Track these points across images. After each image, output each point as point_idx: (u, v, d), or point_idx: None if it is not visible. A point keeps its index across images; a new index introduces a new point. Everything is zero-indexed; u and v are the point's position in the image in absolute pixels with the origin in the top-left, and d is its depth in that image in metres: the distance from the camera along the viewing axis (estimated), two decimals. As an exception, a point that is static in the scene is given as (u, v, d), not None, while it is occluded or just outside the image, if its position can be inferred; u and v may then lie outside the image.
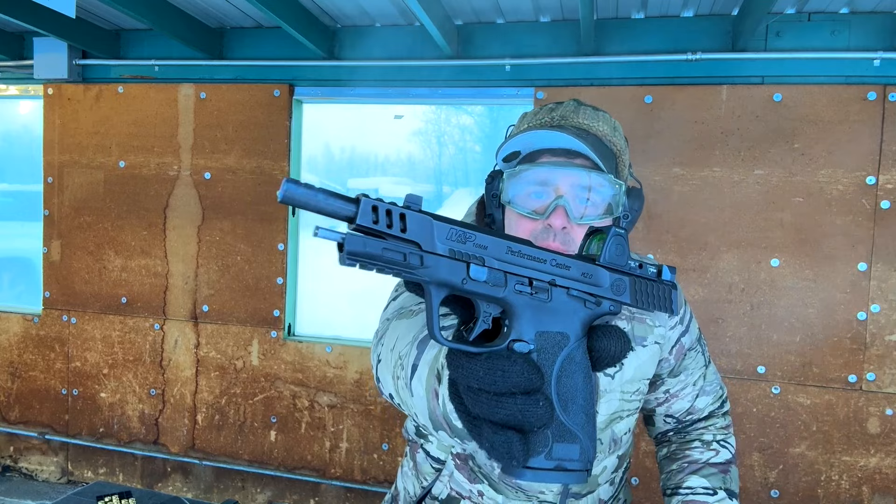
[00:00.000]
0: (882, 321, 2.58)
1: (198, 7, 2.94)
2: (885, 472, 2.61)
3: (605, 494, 1.16)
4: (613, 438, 1.08)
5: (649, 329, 1.10)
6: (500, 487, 1.06)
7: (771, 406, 2.69)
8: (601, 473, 1.12)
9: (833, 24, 2.60)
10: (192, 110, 3.25)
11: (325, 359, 3.16)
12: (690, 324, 1.21)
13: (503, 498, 1.05)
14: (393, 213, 0.47)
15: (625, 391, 1.06)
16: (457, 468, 1.09)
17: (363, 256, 0.46)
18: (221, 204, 3.24)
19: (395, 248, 0.47)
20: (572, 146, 0.91)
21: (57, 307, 3.50)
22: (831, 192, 2.60)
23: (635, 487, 2.82)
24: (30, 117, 3.76)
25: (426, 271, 0.48)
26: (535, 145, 0.95)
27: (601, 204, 0.92)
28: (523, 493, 1.05)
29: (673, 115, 2.72)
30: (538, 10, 2.75)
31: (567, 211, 0.90)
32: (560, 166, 0.91)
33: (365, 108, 3.30)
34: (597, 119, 0.98)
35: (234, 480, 3.34)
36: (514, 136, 0.95)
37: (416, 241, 0.48)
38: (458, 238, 0.50)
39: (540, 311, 0.54)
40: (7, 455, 3.69)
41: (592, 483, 1.11)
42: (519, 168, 0.93)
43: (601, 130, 0.97)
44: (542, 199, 0.92)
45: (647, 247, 2.76)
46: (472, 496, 1.08)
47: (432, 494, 1.14)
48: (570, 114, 0.98)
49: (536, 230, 0.91)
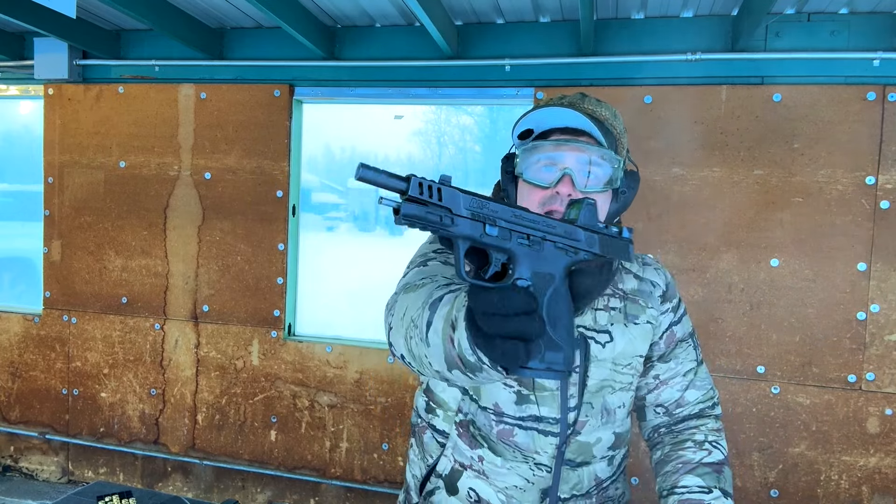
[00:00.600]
0: (881, 321, 2.58)
1: (198, 7, 2.95)
2: (884, 472, 2.61)
3: (603, 473, 1.18)
4: (606, 408, 1.14)
5: (641, 309, 1.18)
6: (498, 448, 1.13)
7: (770, 406, 2.69)
8: (595, 444, 1.15)
9: (832, 24, 2.60)
10: (192, 110, 3.25)
11: (325, 359, 3.17)
12: (683, 317, 1.27)
13: (501, 460, 1.13)
14: (433, 187, 0.66)
15: (617, 363, 1.14)
16: (459, 437, 1.16)
17: (413, 217, 0.64)
18: (222, 204, 3.25)
19: (434, 212, 0.66)
20: (578, 124, 1.04)
21: (57, 307, 3.50)
22: (831, 193, 2.60)
23: (635, 487, 2.83)
24: (30, 117, 3.76)
25: (456, 228, 0.67)
26: (546, 123, 1.08)
27: (602, 177, 1.06)
28: (520, 453, 1.12)
29: (673, 116, 2.73)
30: (538, 10, 2.76)
31: (573, 180, 1.03)
32: (567, 142, 1.05)
33: (365, 108, 3.30)
34: (600, 106, 1.12)
35: (235, 480, 3.35)
36: (529, 114, 1.07)
37: (448, 207, 0.67)
38: (477, 206, 0.69)
39: (534, 258, 0.74)
40: (8, 455, 3.69)
41: (587, 453, 1.15)
42: (532, 144, 1.07)
43: (603, 115, 1.10)
44: (552, 171, 1.05)
45: (646, 247, 2.77)
46: (473, 463, 1.15)
47: (437, 472, 1.20)
48: (577, 101, 1.12)
49: (546, 196, 1.04)
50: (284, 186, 3.16)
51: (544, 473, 1.13)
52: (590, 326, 1.12)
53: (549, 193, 1.04)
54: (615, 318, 1.14)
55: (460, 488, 1.17)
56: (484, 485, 1.15)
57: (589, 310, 1.12)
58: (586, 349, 1.11)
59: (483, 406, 1.13)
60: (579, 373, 1.10)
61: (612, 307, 1.15)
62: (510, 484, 1.13)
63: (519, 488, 1.13)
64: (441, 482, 1.20)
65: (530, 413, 1.11)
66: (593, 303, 1.12)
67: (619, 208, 1.12)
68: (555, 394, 1.10)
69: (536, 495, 1.14)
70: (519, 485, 1.13)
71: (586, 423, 1.13)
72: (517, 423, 1.11)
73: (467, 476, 1.16)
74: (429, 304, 0.84)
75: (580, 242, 0.80)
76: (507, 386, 1.11)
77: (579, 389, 1.11)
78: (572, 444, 1.13)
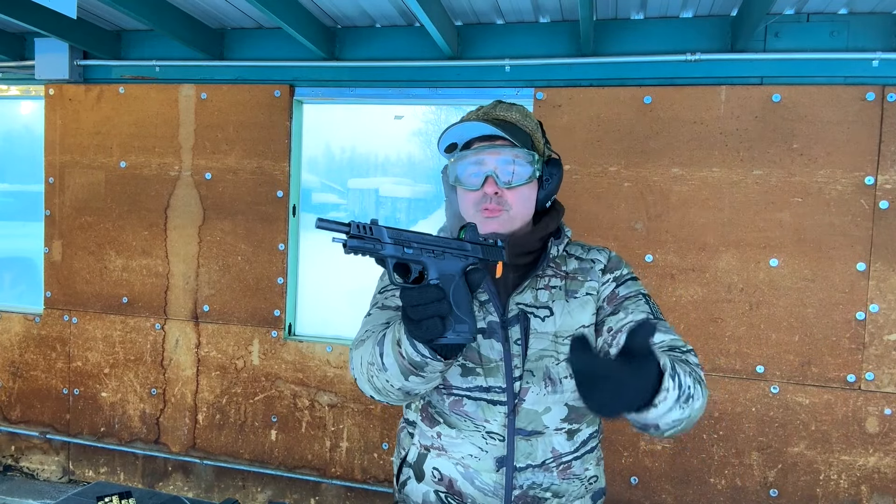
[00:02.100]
0: (881, 321, 2.59)
1: (198, 8, 2.95)
2: (883, 472, 2.62)
3: (562, 447, 1.22)
4: (549, 376, 1.21)
5: (580, 284, 1.28)
6: (451, 420, 1.23)
7: (770, 405, 2.70)
8: (544, 413, 1.20)
9: (832, 24, 2.61)
10: (192, 111, 3.26)
11: (325, 358, 3.17)
12: (628, 281, 1.30)
13: (456, 431, 1.23)
14: (366, 227, 0.95)
15: (558, 335, 1.23)
16: (422, 421, 1.28)
17: (356, 248, 0.94)
18: (222, 204, 3.25)
19: (369, 243, 0.95)
20: (492, 131, 1.19)
21: (58, 307, 3.51)
22: (830, 193, 2.61)
23: (635, 487, 2.83)
24: (31, 118, 3.77)
25: (384, 251, 0.97)
26: (466, 135, 1.24)
27: (522, 172, 1.21)
28: (471, 423, 1.21)
29: (672, 116, 2.73)
30: (538, 10, 2.76)
31: (496, 179, 1.19)
32: (486, 148, 1.21)
33: (365, 108, 3.30)
34: (510, 110, 1.27)
35: (235, 480, 3.35)
36: (450, 129, 1.23)
37: (377, 238, 0.96)
38: (396, 234, 0.98)
39: (440, 264, 1.01)
40: (8, 454, 3.70)
41: (537, 422, 1.20)
42: (458, 155, 1.24)
43: (514, 118, 1.25)
44: (478, 175, 1.21)
45: (646, 247, 2.77)
46: (434, 442, 1.25)
47: (407, 462, 1.30)
48: (490, 110, 1.28)
49: (478, 197, 1.21)
50: (285, 186, 3.17)
51: (497, 442, 1.20)
52: (530, 304, 1.23)
53: (480, 194, 1.21)
54: (556, 296, 1.24)
55: (425, 471, 1.25)
56: (444, 461, 1.24)
57: (529, 289, 1.24)
58: (526, 323, 1.22)
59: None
60: (521, 344, 1.21)
61: (553, 286, 1.25)
62: (466, 453, 1.21)
63: (474, 457, 1.21)
64: (410, 471, 1.28)
65: (477, 384, 1.21)
66: (534, 283, 1.25)
67: (547, 194, 1.26)
68: (499, 365, 1.20)
69: (492, 464, 1.20)
70: (473, 453, 1.21)
71: (528, 389, 1.20)
72: (465, 394, 1.21)
73: (431, 457, 1.25)
74: (376, 343, 1.09)
75: (468, 251, 1.05)
76: None
77: (522, 360, 1.20)
78: (520, 412, 1.20)
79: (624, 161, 2.79)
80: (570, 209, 2.89)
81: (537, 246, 1.26)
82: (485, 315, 1.22)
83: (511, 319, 1.21)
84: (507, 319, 1.21)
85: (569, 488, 1.23)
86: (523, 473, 1.19)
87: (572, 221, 2.85)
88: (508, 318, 1.21)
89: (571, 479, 1.23)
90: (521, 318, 1.21)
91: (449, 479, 1.23)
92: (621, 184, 2.80)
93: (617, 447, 2.85)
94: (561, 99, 2.84)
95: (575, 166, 2.84)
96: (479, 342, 1.21)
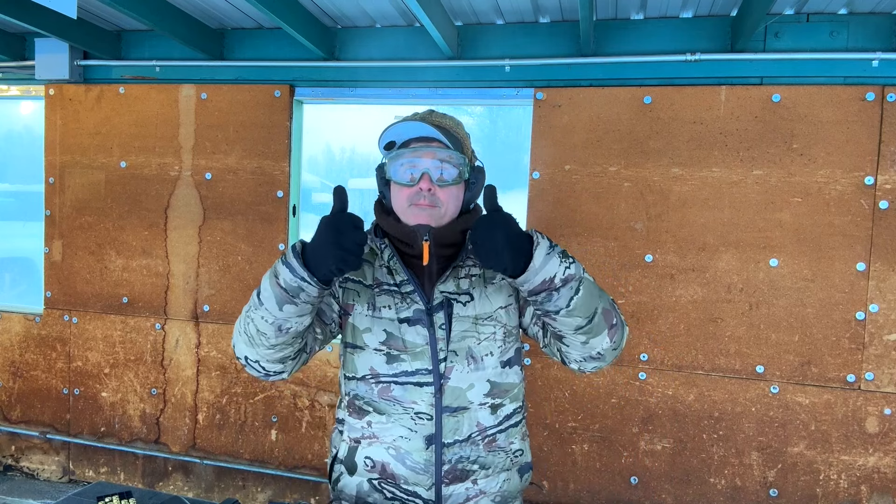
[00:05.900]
0: (881, 321, 2.59)
1: (198, 8, 2.95)
2: (883, 472, 2.62)
3: (486, 421, 1.32)
4: (471, 355, 1.31)
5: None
6: (381, 407, 1.31)
7: (770, 405, 2.70)
8: (468, 389, 1.30)
9: (831, 24, 2.61)
10: (192, 111, 3.26)
11: (325, 358, 3.17)
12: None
13: (386, 417, 1.31)
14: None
15: (479, 317, 1.33)
16: (349, 415, 1.36)
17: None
18: (222, 204, 3.25)
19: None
20: (430, 133, 1.29)
21: (58, 307, 3.51)
22: (830, 193, 2.61)
23: (634, 487, 2.83)
24: (31, 118, 3.77)
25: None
26: (405, 135, 1.32)
27: (453, 172, 1.30)
28: (400, 406, 1.29)
29: (672, 116, 2.73)
30: (538, 10, 2.76)
31: (430, 176, 1.28)
32: (424, 148, 1.30)
33: (365, 108, 3.31)
34: (444, 118, 1.38)
35: (235, 480, 3.35)
36: (390, 128, 1.31)
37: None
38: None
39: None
40: (9, 454, 3.70)
41: (462, 398, 1.30)
42: (396, 153, 1.32)
43: (448, 124, 1.36)
44: (414, 172, 1.29)
45: (646, 247, 2.77)
46: (363, 432, 1.33)
47: (338, 459, 1.38)
48: (427, 115, 1.38)
49: (412, 193, 1.29)
50: (285, 186, 3.17)
51: (425, 421, 1.29)
52: (453, 291, 1.33)
53: (414, 190, 1.29)
54: (476, 283, 1.35)
55: (357, 463, 1.33)
56: (375, 448, 1.31)
57: (451, 279, 1.33)
58: (450, 309, 1.31)
59: (361, 376, 1.33)
60: (445, 329, 1.30)
61: (473, 274, 1.36)
62: (396, 436, 1.30)
63: (404, 438, 1.29)
64: (342, 467, 1.36)
65: (402, 369, 1.30)
66: (455, 273, 1.35)
67: (472, 196, 1.37)
68: (425, 349, 1.29)
69: (421, 442, 1.29)
70: (403, 434, 1.29)
71: (453, 368, 1.30)
72: (392, 380, 1.30)
73: (361, 448, 1.33)
74: (255, 292, 1.19)
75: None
76: (376, 351, 1.31)
77: (446, 343, 1.30)
78: (446, 390, 1.29)
79: (624, 161, 2.79)
80: (570, 209, 2.90)
81: (458, 239, 1.35)
82: (410, 305, 1.31)
83: (436, 307, 1.31)
84: (432, 307, 1.31)
85: (494, 460, 1.33)
86: (451, 448, 1.29)
87: (572, 221, 2.86)
88: (433, 306, 1.31)
89: (497, 451, 1.34)
90: (445, 305, 1.31)
91: (381, 465, 1.31)
92: (621, 184, 2.80)
93: (617, 447, 2.85)
94: (561, 99, 2.84)
95: (575, 166, 2.84)
96: (404, 330, 1.30)
